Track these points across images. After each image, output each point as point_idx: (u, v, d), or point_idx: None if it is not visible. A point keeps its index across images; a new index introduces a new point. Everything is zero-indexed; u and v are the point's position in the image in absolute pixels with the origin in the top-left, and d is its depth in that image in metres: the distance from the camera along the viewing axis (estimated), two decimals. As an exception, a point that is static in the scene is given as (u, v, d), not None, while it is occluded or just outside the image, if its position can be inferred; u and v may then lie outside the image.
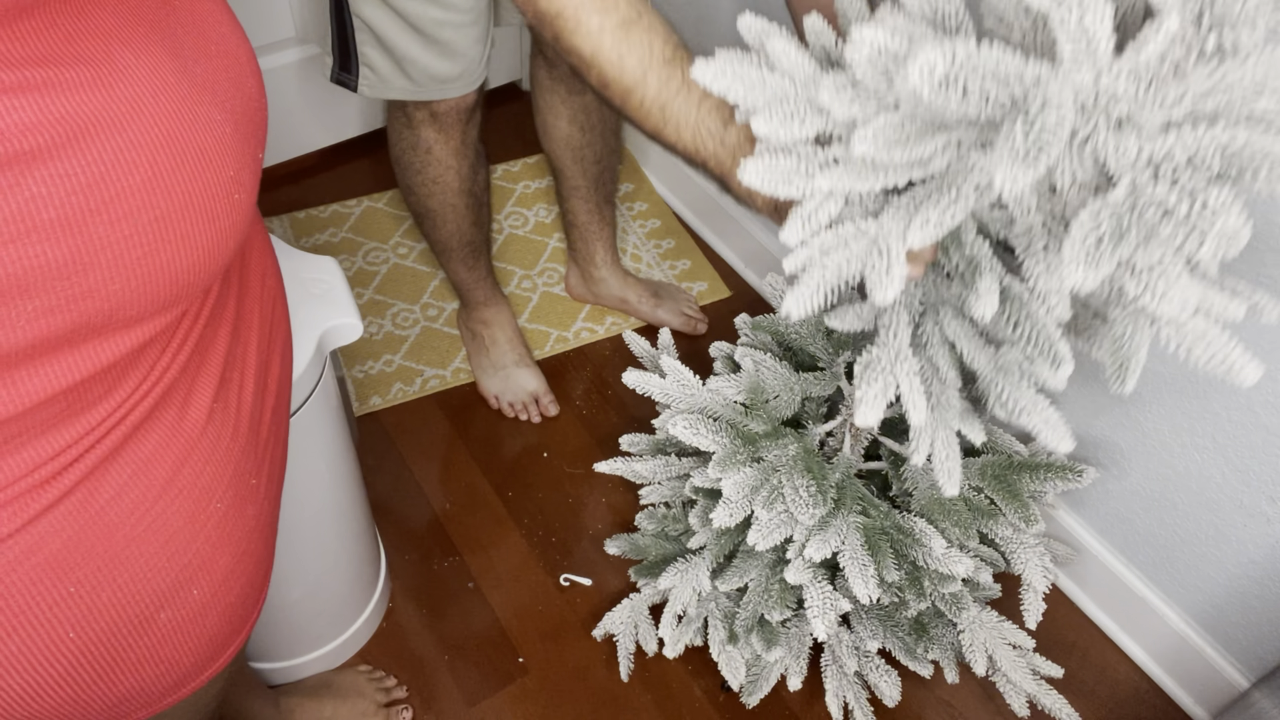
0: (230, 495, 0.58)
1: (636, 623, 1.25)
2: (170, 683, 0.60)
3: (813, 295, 0.62)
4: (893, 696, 1.16)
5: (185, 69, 0.47)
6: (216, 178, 0.48)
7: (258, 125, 0.53)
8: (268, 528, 0.65)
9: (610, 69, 0.79)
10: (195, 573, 0.57)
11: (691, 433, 1.00)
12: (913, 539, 0.99)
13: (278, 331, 0.67)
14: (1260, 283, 1.00)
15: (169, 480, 0.53)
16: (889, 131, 0.57)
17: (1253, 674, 1.20)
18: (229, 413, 0.58)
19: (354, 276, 1.71)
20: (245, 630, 0.66)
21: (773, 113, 0.65)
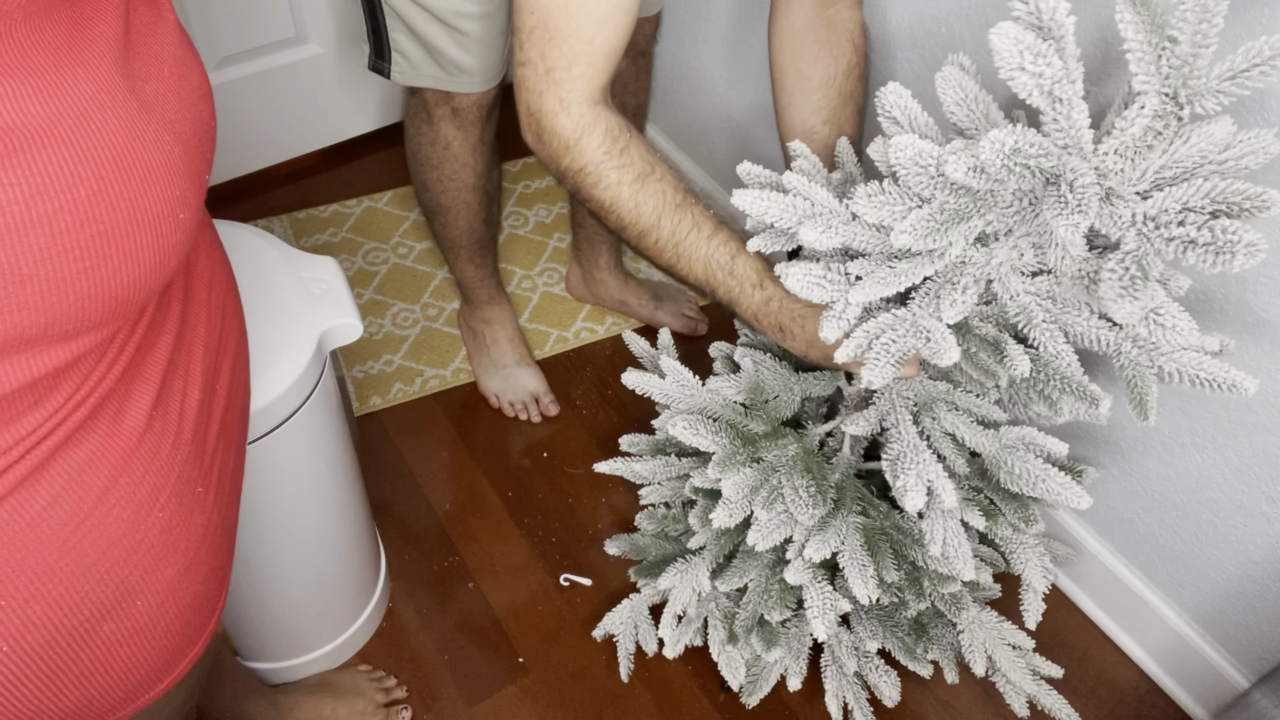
0: (174, 504, 0.57)
1: (636, 623, 1.25)
2: (122, 695, 0.60)
3: (885, 368, 0.79)
4: (892, 697, 1.16)
5: (135, 88, 0.47)
6: (162, 196, 0.47)
7: (206, 147, 0.53)
8: (219, 535, 0.64)
9: (628, 215, 0.90)
10: (139, 584, 0.56)
11: (691, 433, 1.00)
12: (912, 539, 0.99)
13: (228, 337, 0.66)
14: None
15: (105, 490, 0.52)
16: (923, 223, 0.72)
17: (1253, 674, 1.20)
18: (170, 421, 0.57)
19: (354, 276, 1.71)
20: (201, 640, 0.65)
21: (815, 224, 0.80)
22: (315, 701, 1.18)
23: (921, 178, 0.72)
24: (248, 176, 1.83)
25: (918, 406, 0.96)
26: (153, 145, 0.47)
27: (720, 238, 0.92)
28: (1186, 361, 0.77)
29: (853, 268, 0.81)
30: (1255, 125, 0.89)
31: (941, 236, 0.73)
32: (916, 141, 0.70)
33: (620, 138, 0.90)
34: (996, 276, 0.79)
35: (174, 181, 0.48)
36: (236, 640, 1.19)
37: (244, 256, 0.99)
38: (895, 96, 0.78)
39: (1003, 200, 0.73)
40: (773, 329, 0.94)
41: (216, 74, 1.67)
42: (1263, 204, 0.65)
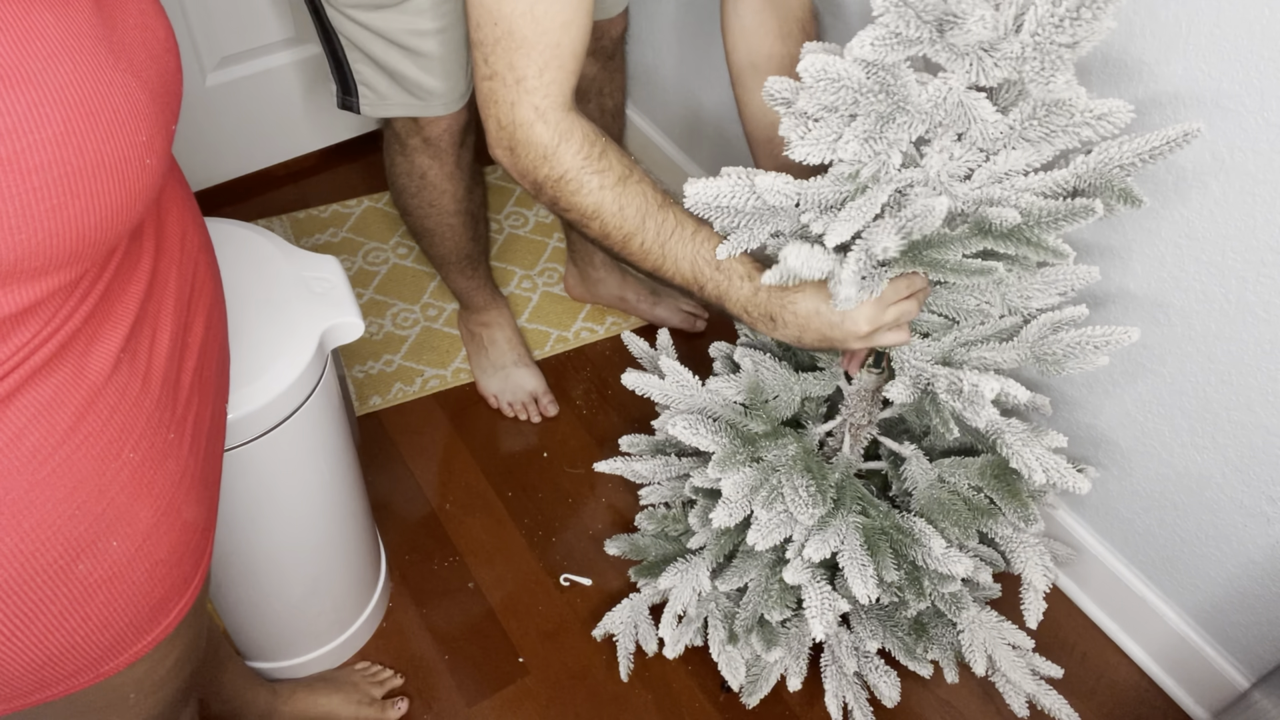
0: (144, 446, 0.59)
1: (636, 623, 1.25)
2: (106, 643, 0.61)
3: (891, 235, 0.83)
4: (892, 697, 1.16)
5: (104, 36, 0.49)
6: (129, 141, 0.49)
7: (173, 97, 0.55)
8: (198, 486, 0.66)
9: (612, 220, 0.90)
10: (113, 523, 0.58)
11: (691, 433, 0.99)
12: (912, 539, 0.99)
13: (201, 293, 0.68)
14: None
15: (72, 426, 0.54)
16: (861, 129, 0.78)
17: (1253, 674, 1.20)
18: (138, 365, 0.59)
19: (354, 276, 1.71)
20: (188, 594, 0.66)
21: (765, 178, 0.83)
22: (312, 692, 1.19)
23: (834, 86, 0.75)
24: (248, 176, 1.83)
25: (940, 362, 0.98)
26: (120, 91, 0.49)
27: (703, 234, 0.92)
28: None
29: (814, 229, 0.86)
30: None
31: (879, 140, 0.78)
32: (818, 56, 0.74)
33: (597, 142, 0.89)
34: (942, 189, 0.84)
35: (140, 127, 0.50)
36: (237, 640, 1.19)
37: (245, 255, 0.99)
38: (778, 84, 0.82)
39: (914, 95, 0.78)
40: (763, 319, 0.94)
41: (216, 74, 1.67)
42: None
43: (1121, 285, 1.12)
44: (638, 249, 0.92)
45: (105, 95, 0.48)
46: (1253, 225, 0.97)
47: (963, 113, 0.78)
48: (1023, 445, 0.94)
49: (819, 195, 0.83)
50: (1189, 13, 0.93)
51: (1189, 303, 1.06)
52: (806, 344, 0.95)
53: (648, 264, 0.94)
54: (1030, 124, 0.79)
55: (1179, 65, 0.96)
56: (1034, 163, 0.82)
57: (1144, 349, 1.13)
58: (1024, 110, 0.79)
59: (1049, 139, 0.80)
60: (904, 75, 0.76)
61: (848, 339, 0.92)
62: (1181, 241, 1.04)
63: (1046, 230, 0.84)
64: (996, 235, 0.85)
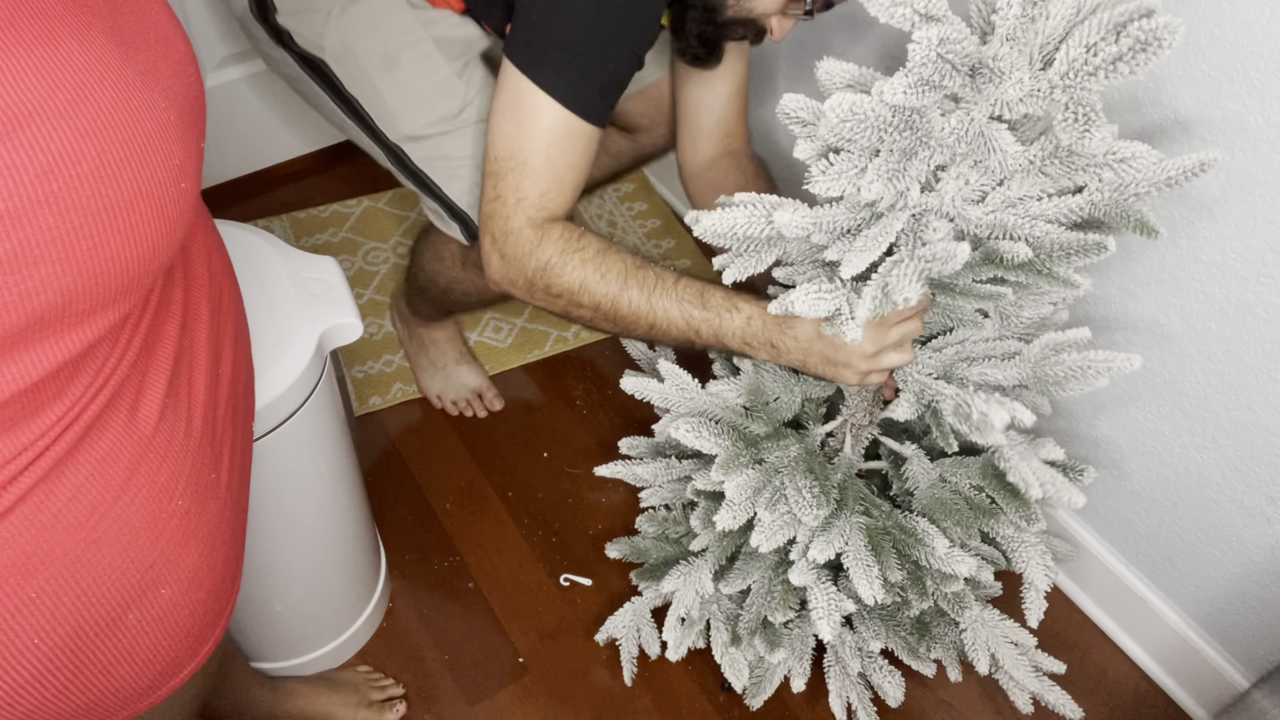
0: (191, 491, 0.58)
1: (639, 626, 1.25)
2: (148, 682, 0.60)
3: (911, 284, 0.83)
4: (896, 696, 1.16)
5: (128, 56, 0.47)
6: (164, 166, 0.47)
7: (198, 113, 0.53)
8: (234, 520, 0.65)
9: (597, 288, 0.98)
10: (163, 572, 0.57)
11: (694, 435, 0.99)
12: (915, 539, 0.99)
13: (226, 318, 0.66)
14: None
15: (126, 480, 0.53)
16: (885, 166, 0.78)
17: (1253, 674, 1.20)
18: (181, 408, 0.57)
19: (354, 277, 1.71)
20: (220, 625, 0.66)
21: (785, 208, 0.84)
22: (311, 691, 1.19)
23: (861, 125, 0.75)
24: (248, 176, 1.83)
25: (940, 376, 0.99)
26: (149, 113, 0.46)
27: (684, 282, 0.99)
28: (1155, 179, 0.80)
29: (829, 256, 0.85)
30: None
31: (901, 178, 0.78)
32: (846, 95, 0.74)
33: (576, 230, 1.00)
34: (955, 213, 0.83)
35: (173, 150, 0.48)
36: (238, 640, 1.19)
37: (244, 256, 0.99)
38: (795, 103, 0.82)
39: (936, 128, 0.77)
40: (765, 348, 0.97)
41: (216, 74, 1.66)
42: (1146, 9, 0.69)
43: (1122, 285, 1.12)
44: (627, 312, 0.99)
45: (136, 120, 0.45)
46: (1253, 225, 0.97)
47: (983, 143, 0.78)
48: (1020, 459, 0.95)
49: (834, 222, 0.83)
50: (1189, 13, 0.93)
51: (1189, 303, 1.06)
52: (811, 369, 0.97)
53: (641, 326, 1.00)
54: (1051, 161, 0.79)
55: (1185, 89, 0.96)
56: (1048, 189, 0.82)
57: (1144, 349, 1.13)
58: (1046, 146, 0.79)
59: (1069, 176, 0.80)
60: (929, 111, 0.77)
61: (851, 360, 0.94)
62: (1181, 242, 1.04)
63: (1058, 264, 0.84)
64: (1007, 267, 0.86)
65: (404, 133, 1.15)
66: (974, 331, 0.99)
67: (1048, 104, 0.75)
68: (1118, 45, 0.69)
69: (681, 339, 1.00)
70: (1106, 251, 0.83)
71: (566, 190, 1.00)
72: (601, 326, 1.02)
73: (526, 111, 0.97)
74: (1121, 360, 0.90)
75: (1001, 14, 0.74)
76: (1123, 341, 1.15)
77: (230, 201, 1.80)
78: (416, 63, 1.13)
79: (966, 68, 0.71)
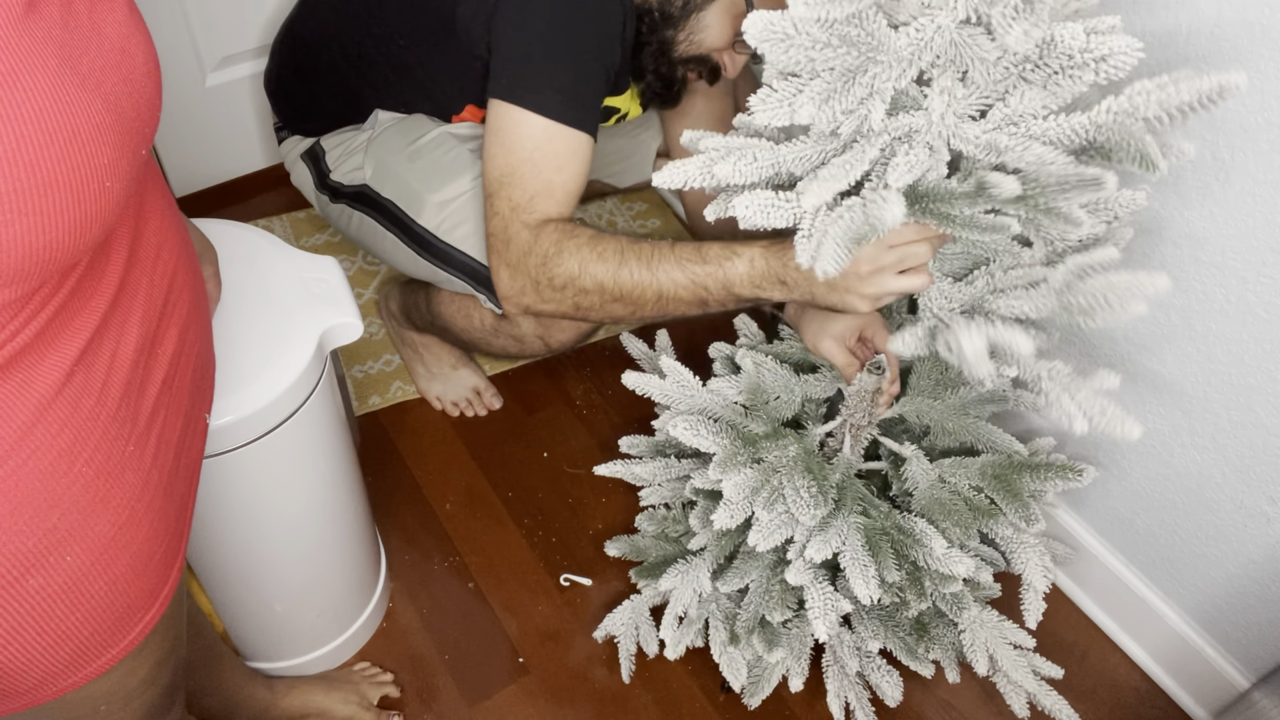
0: (99, 459, 0.58)
1: (638, 624, 1.25)
2: (66, 657, 0.61)
3: (836, 250, 0.75)
4: (894, 697, 1.16)
5: (69, 59, 0.48)
6: (88, 162, 0.48)
7: (144, 123, 0.54)
8: (160, 498, 0.65)
9: (596, 268, 1.00)
10: (66, 537, 0.57)
11: (692, 434, 0.99)
12: (913, 539, 0.99)
13: (175, 306, 0.67)
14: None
15: (19, 438, 0.53)
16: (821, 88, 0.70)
17: (1253, 674, 1.20)
18: (94, 378, 0.58)
19: (354, 277, 1.71)
20: (153, 609, 0.66)
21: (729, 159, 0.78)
22: (309, 689, 1.19)
23: (782, 44, 0.68)
24: (248, 176, 1.83)
25: (967, 311, 0.89)
26: (81, 113, 0.48)
27: (680, 245, 1.00)
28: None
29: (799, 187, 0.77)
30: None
31: (842, 98, 0.69)
32: (762, 13, 0.67)
33: (569, 224, 1.04)
34: (952, 134, 0.76)
35: (102, 151, 0.49)
36: (236, 640, 1.19)
37: (244, 256, 0.99)
38: (759, 23, 0.70)
39: (888, 42, 0.70)
40: (776, 287, 0.96)
41: (216, 74, 1.67)
42: None
43: (1122, 285, 1.12)
44: (632, 285, 1.01)
45: (64, 116, 0.47)
46: (1253, 225, 0.97)
47: (957, 53, 0.71)
48: (1061, 391, 0.81)
49: (801, 157, 0.77)
50: (1189, 13, 0.93)
51: (1189, 303, 1.06)
52: (820, 299, 0.94)
53: (650, 297, 1.01)
54: (1025, 65, 0.72)
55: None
56: (1051, 105, 0.75)
57: (1144, 349, 1.13)
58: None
59: (1053, 82, 0.72)
60: (873, 24, 0.69)
61: (849, 282, 0.90)
62: (1181, 242, 1.04)
63: (1055, 198, 0.75)
64: (999, 201, 0.78)
65: (429, 203, 1.23)
66: (1011, 259, 0.89)
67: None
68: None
69: (694, 301, 1.00)
70: (1103, 189, 0.73)
71: (556, 193, 1.04)
72: (613, 311, 1.04)
73: (508, 129, 1.04)
74: (1146, 281, 0.76)
75: None
76: (1122, 342, 1.15)
77: (231, 201, 1.81)
78: (434, 148, 1.26)
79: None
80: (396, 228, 1.28)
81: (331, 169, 1.34)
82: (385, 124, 1.30)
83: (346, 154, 1.33)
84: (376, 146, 1.30)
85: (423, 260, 1.27)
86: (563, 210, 1.06)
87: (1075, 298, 0.80)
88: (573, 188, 1.06)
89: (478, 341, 1.37)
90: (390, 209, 1.28)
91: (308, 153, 1.39)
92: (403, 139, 1.28)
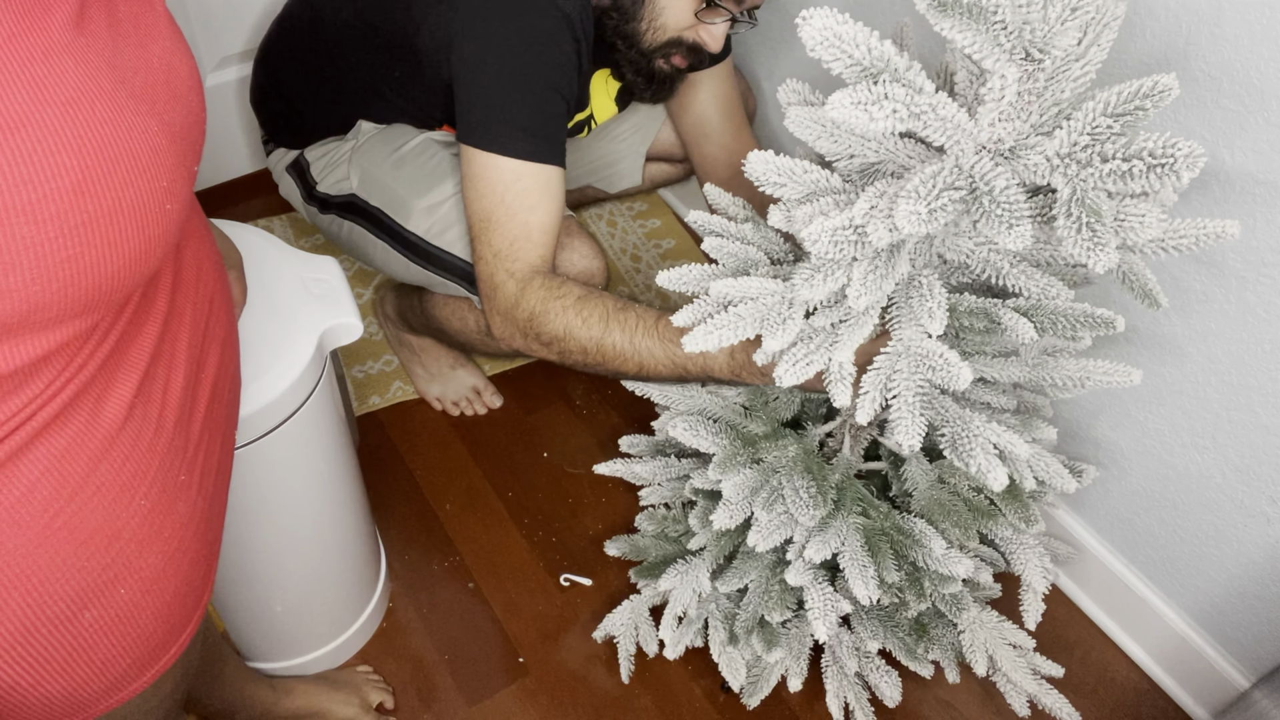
0: (156, 492, 0.58)
1: (637, 624, 1.25)
2: (106, 684, 0.60)
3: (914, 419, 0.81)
4: (893, 697, 1.16)
5: (123, 80, 0.47)
6: (149, 187, 0.48)
7: (195, 139, 0.54)
8: (203, 525, 0.65)
9: (580, 332, 1.03)
10: (121, 572, 0.56)
11: (691, 434, 0.99)
12: (913, 540, 0.99)
13: (215, 327, 0.66)
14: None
15: (85, 477, 0.53)
16: (868, 274, 0.74)
17: (1253, 674, 1.20)
18: (152, 409, 0.57)
19: (353, 277, 1.71)
20: (188, 629, 0.65)
21: (771, 329, 0.83)
22: (310, 689, 1.19)
23: (846, 250, 0.71)
24: (248, 177, 1.83)
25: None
26: (140, 136, 0.47)
27: (664, 321, 1.02)
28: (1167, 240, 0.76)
29: (817, 322, 0.83)
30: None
31: (888, 277, 0.75)
32: (828, 222, 0.70)
33: (556, 279, 1.07)
34: (944, 249, 0.81)
35: (161, 173, 0.48)
36: (236, 640, 1.19)
37: (244, 256, 0.99)
38: (762, 166, 0.78)
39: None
40: (755, 375, 0.99)
41: (216, 74, 1.67)
42: (1161, 93, 0.64)
43: (1122, 285, 1.12)
44: (614, 354, 1.03)
45: (125, 141, 0.46)
46: (1253, 225, 0.97)
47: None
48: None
49: (820, 327, 0.82)
50: (1189, 13, 0.93)
51: (1189, 303, 1.06)
52: (803, 385, 0.98)
53: (630, 366, 1.04)
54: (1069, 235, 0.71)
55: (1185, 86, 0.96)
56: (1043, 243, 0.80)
57: (1144, 349, 1.13)
58: (1062, 220, 0.70)
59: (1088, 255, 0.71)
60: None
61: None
62: (1182, 242, 1.04)
63: (1064, 332, 0.82)
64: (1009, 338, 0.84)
65: (416, 208, 1.24)
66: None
67: (1045, 177, 0.68)
68: (1126, 164, 0.64)
69: (672, 375, 1.03)
70: (1115, 329, 0.79)
71: (534, 235, 1.07)
72: (598, 369, 1.07)
73: (479, 174, 1.07)
74: (1121, 374, 0.88)
75: (992, 96, 0.67)
76: (1122, 342, 1.15)
77: (230, 201, 1.81)
78: (418, 154, 1.27)
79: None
80: (386, 235, 1.28)
81: (318, 180, 1.35)
82: (368, 133, 1.31)
83: (331, 165, 1.34)
84: (361, 156, 1.30)
85: (414, 265, 1.27)
86: (544, 253, 1.08)
87: (1049, 374, 0.90)
88: (549, 225, 1.09)
89: (473, 343, 1.37)
90: (379, 217, 1.28)
91: (293, 165, 1.39)
92: (386, 147, 1.29)
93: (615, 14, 1.14)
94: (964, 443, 0.85)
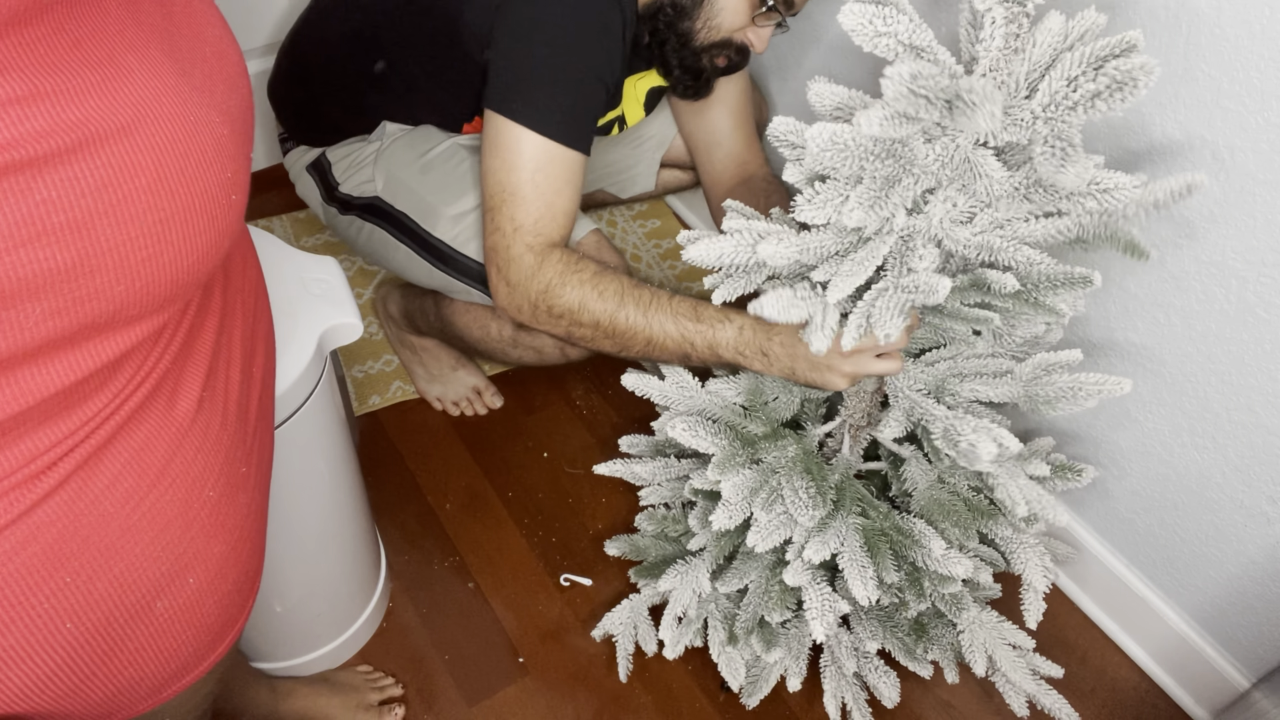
0: (222, 483, 0.59)
1: (636, 624, 1.25)
2: (170, 672, 0.61)
3: (894, 320, 0.84)
4: (891, 697, 1.16)
5: (185, 72, 0.48)
6: (217, 180, 0.48)
7: (248, 125, 0.55)
8: (258, 516, 0.66)
9: (595, 305, 1.03)
10: (191, 561, 0.58)
11: (690, 435, 0.99)
12: (912, 540, 0.99)
13: (260, 321, 0.67)
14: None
15: (162, 469, 0.54)
16: (867, 194, 0.78)
17: (1253, 674, 1.20)
18: (217, 402, 0.58)
19: (354, 277, 1.71)
20: (242, 619, 0.66)
21: (769, 240, 0.85)
22: (311, 691, 1.19)
23: (842, 154, 0.75)
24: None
25: (932, 392, 0.99)
26: (205, 130, 0.48)
27: (678, 298, 1.04)
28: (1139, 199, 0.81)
29: (816, 276, 0.86)
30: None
31: (884, 204, 0.78)
32: (827, 125, 0.74)
33: (574, 255, 1.07)
34: (943, 235, 0.84)
35: (225, 164, 0.49)
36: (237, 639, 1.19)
37: (244, 257, 0.99)
38: (784, 126, 0.84)
39: (920, 155, 0.78)
40: (757, 357, 1.00)
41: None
42: (1128, 45, 0.70)
43: (1121, 285, 1.12)
44: (625, 327, 1.04)
45: (194, 136, 0.47)
46: (1253, 225, 0.97)
47: (969, 169, 0.79)
48: (1008, 477, 0.96)
49: (819, 249, 0.84)
50: (1189, 14, 0.93)
51: (1189, 303, 1.06)
52: (800, 375, 0.99)
53: (639, 341, 1.05)
54: (1035, 189, 0.80)
55: (1185, 89, 0.96)
56: (1035, 211, 0.82)
57: (1144, 350, 1.13)
58: (1029, 175, 0.79)
59: (1054, 204, 0.80)
60: (911, 140, 0.77)
61: (832, 363, 0.96)
62: (1181, 242, 1.04)
63: (1045, 294, 0.85)
64: (995, 295, 0.87)
65: (445, 215, 1.24)
66: (966, 348, 0.99)
67: (1030, 133, 0.75)
68: (1095, 83, 0.70)
69: (678, 352, 1.04)
70: (1092, 285, 0.84)
71: (558, 216, 1.07)
72: (602, 345, 1.07)
73: (509, 145, 1.05)
74: (1112, 384, 0.91)
75: (984, 45, 0.74)
76: (1122, 342, 1.15)
77: (231, 201, 1.81)
78: (446, 160, 1.27)
79: (942, 101, 0.71)
80: (410, 239, 1.28)
81: (340, 181, 1.34)
82: (394, 135, 1.30)
83: (355, 166, 1.33)
84: (386, 159, 1.29)
85: (438, 271, 1.27)
86: (564, 233, 1.08)
87: (1040, 389, 0.94)
88: (572, 209, 1.09)
89: (494, 352, 1.37)
90: (404, 221, 1.28)
91: (313, 165, 1.38)
92: (413, 151, 1.28)
93: (671, 9, 1.14)
94: (953, 430, 0.91)
